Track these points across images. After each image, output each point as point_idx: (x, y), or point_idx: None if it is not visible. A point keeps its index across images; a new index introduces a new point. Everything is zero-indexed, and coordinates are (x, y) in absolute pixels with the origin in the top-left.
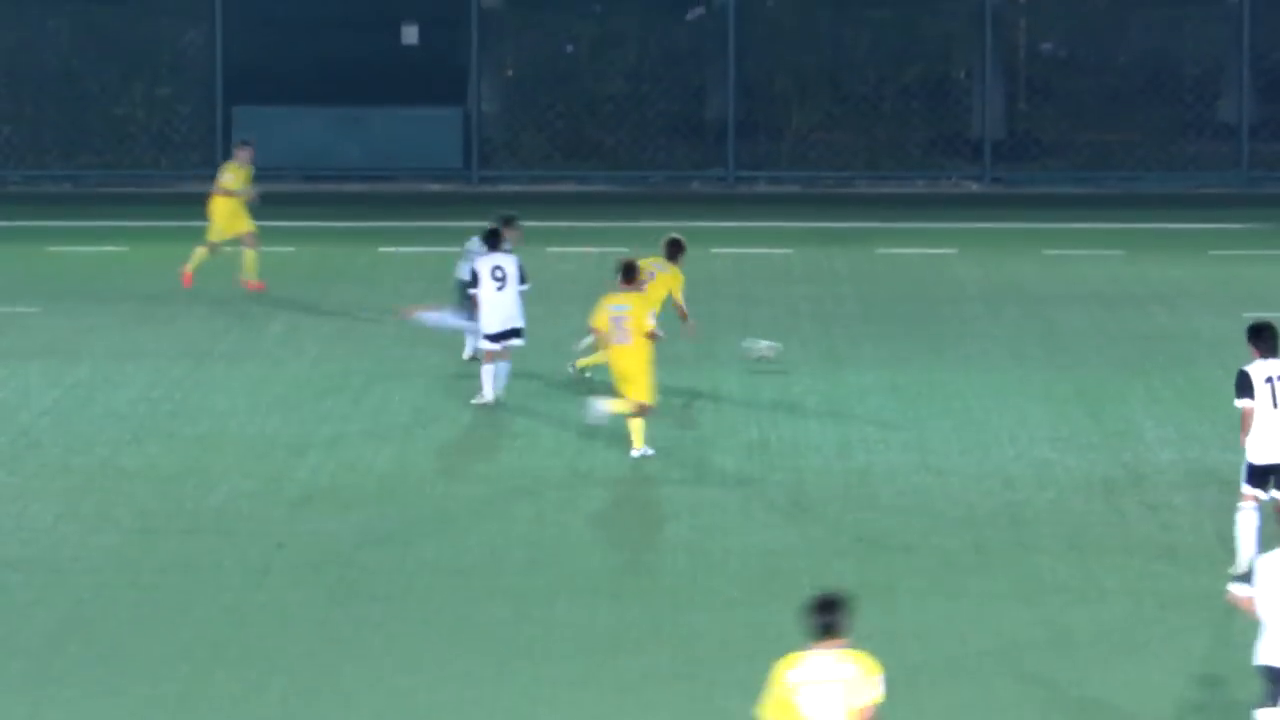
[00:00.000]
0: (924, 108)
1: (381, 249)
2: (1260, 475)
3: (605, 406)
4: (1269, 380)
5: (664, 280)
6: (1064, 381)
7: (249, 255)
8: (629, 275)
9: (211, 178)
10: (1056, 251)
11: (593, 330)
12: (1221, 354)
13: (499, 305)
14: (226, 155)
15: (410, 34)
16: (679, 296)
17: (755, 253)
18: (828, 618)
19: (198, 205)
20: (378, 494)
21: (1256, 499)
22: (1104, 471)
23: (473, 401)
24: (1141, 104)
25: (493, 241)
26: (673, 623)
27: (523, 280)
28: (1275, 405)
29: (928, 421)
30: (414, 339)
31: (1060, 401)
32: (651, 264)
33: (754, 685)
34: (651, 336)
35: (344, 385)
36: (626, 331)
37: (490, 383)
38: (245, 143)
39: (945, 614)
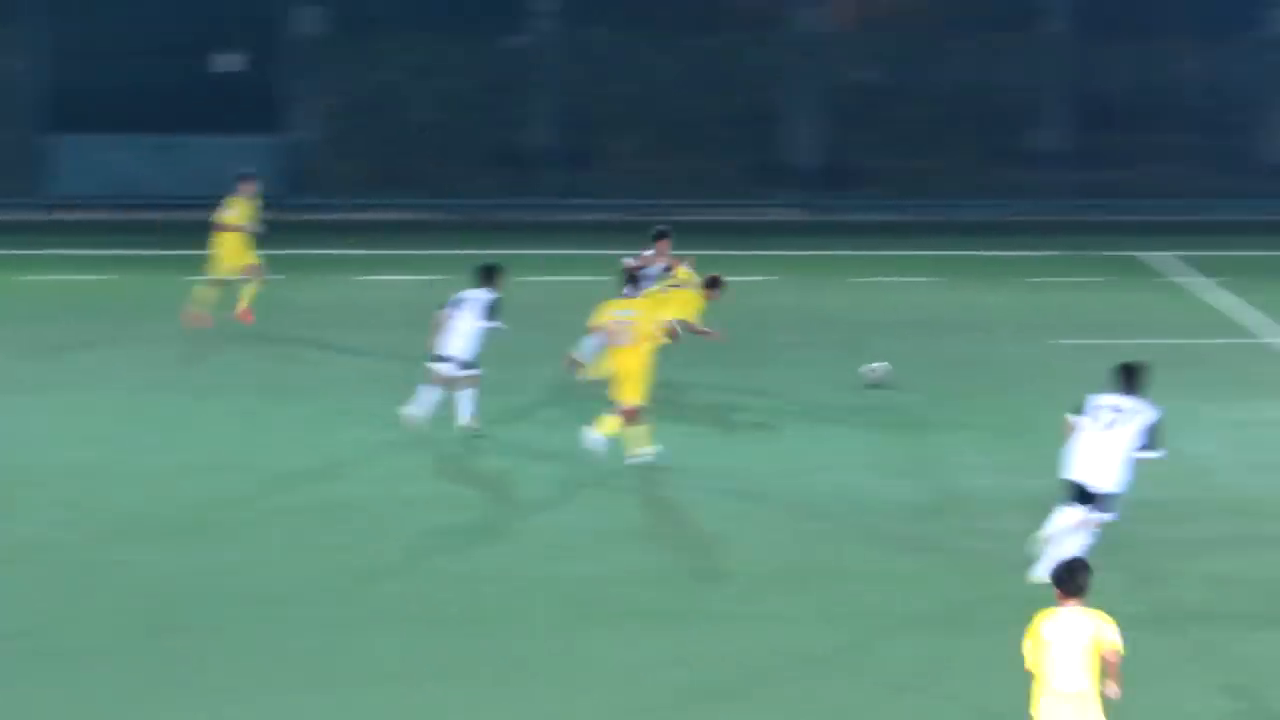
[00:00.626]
0: (744, 136)
1: (190, 277)
2: (1071, 493)
3: (598, 433)
4: (1103, 408)
5: (685, 297)
6: (880, 409)
7: (249, 289)
8: (711, 286)
9: (29, 206)
10: (874, 279)
11: (593, 329)
12: (1035, 380)
13: (449, 330)
14: (43, 184)
15: (228, 61)
16: (692, 318)
17: (572, 280)
18: (1079, 580)
19: (16, 234)
20: (193, 524)
21: (1070, 519)
22: (919, 498)
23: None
24: (960, 131)
25: (481, 278)
26: (494, 650)
27: (488, 316)
28: (1096, 427)
29: (743, 449)
30: (227, 361)
31: (878, 429)
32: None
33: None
34: (671, 335)
35: (155, 415)
36: (629, 335)
37: (422, 404)
38: (248, 175)
39: (749, 636)
